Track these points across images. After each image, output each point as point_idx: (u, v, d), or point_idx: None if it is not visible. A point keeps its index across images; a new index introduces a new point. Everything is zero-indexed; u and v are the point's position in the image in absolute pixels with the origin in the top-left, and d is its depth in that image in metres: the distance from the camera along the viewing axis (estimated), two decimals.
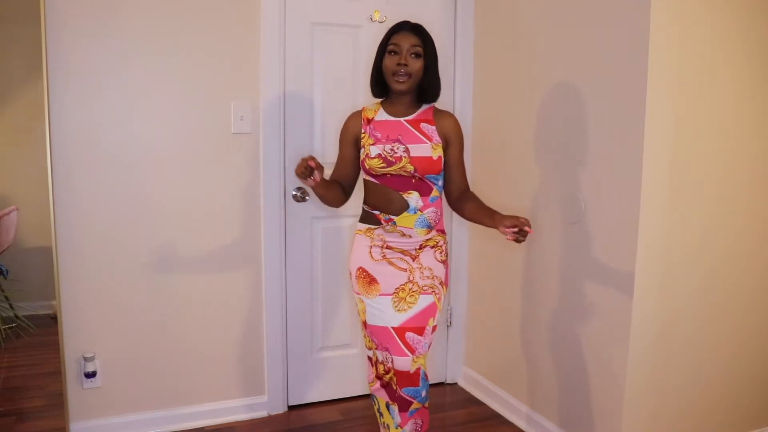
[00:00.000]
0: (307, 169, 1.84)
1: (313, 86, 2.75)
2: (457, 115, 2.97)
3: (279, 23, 2.62)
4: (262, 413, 2.81)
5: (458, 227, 3.05)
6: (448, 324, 3.15)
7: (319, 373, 2.92)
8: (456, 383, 3.19)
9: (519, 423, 2.74)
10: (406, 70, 1.95)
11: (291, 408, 2.89)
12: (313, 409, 2.89)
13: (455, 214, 2.69)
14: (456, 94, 2.99)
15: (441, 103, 2.89)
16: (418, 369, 2.04)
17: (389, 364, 2.05)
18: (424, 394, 2.08)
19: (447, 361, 3.18)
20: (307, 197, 2.76)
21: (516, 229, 1.82)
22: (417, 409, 2.08)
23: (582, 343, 2.35)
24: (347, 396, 2.96)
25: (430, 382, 3.12)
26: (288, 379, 2.87)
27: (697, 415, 2.35)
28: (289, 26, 2.66)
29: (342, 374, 2.94)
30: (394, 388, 2.08)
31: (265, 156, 2.66)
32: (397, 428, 2.09)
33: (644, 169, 2.06)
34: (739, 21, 2.18)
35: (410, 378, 2.04)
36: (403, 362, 2.02)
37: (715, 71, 2.16)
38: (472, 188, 2.03)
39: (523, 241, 1.85)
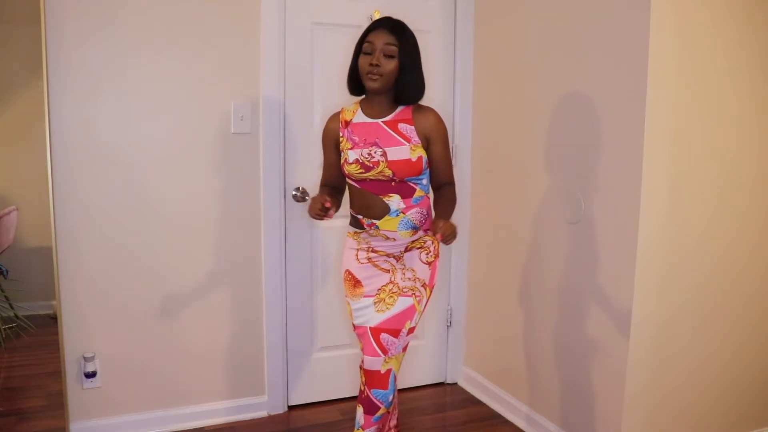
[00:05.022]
0: (323, 210, 1.87)
1: (313, 86, 2.75)
2: (457, 116, 3.00)
3: (279, 23, 2.62)
4: (262, 413, 2.81)
5: (458, 227, 3.04)
6: (448, 324, 3.15)
7: (319, 373, 2.92)
8: (456, 383, 3.19)
9: (519, 423, 2.74)
10: (378, 70, 1.89)
11: (291, 408, 2.89)
12: (313, 409, 2.89)
13: (455, 216, 2.70)
14: (456, 95, 2.99)
15: (441, 105, 2.90)
16: (389, 370, 2.01)
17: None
18: (391, 398, 2.03)
19: (447, 361, 3.18)
20: (307, 197, 2.76)
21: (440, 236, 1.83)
22: (383, 415, 2.04)
23: (581, 342, 2.35)
24: (347, 396, 2.96)
25: (430, 383, 3.17)
26: (288, 379, 2.87)
27: (697, 416, 2.35)
28: (289, 26, 2.66)
29: (342, 374, 2.94)
30: (362, 388, 2.04)
31: (265, 156, 2.66)
32: (358, 429, 2.05)
33: (644, 169, 2.06)
34: (739, 21, 2.18)
35: (380, 379, 2.00)
36: (373, 362, 2.00)
37: (715, 71, 2.16)
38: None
39: (445, 241, 1.85)
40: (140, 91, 2.46)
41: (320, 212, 1.88)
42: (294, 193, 2.75)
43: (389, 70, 1.90)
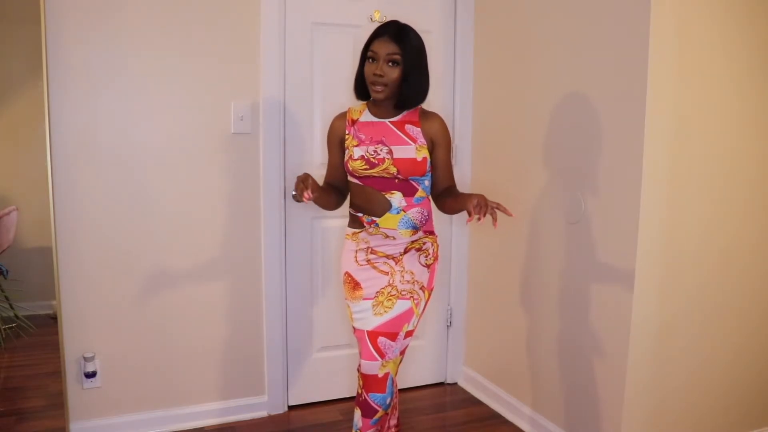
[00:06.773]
0: (303, 182, 1.85)
1: (313, 86, 2.75)
2: (457, 116, 3.00)
3: (279, 23, 2.62)
4: (262, 413, 2.81)
5: (458, 227, 3.05)
6: (448, 324, 3.15)
7: (320, 373, 2.92)
8: (456, 383, 3.19)
9: (519, 423, 2.74)
10: (382, 80, 1.91)
11: (291, 408, 2.89)
12: (313, 409, 2.89)
13: (455, 216, 2.69)
14: (456, 95, 2.99)
15: (441, 105, 2.91)
16: (387, 374, 2.01)
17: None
18: (388, 401, 2.04)
19: (447, 361, 3.18)
20: None
21: (482, 213, 1.77)
22: (380, 417, 2.05)
23: (581, 343, 2.35)
24: (347, 396, 2.96)
25: (430, 383, 3.17)
26: (288, 379, 2.87)
27: (697, 416, 2.35)
28: (289, 26, 2.66)
29: (342, 374, 2.94)
30: (360, 391, 2.05)
31: (265, 156, 2.66)
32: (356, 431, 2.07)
33: (644, 168, 2.06)
34: (739, 22, 2.18)
35: (377, 383, 2.01)
36: (371, 366, 2.00)
37: (715, 71, 2.16)
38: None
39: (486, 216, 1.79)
40: (140, 91, 2.46)
41: (300, 185, 1.85)
42: (294, 193, 2.75)
43: (393, 78, 1.93)
